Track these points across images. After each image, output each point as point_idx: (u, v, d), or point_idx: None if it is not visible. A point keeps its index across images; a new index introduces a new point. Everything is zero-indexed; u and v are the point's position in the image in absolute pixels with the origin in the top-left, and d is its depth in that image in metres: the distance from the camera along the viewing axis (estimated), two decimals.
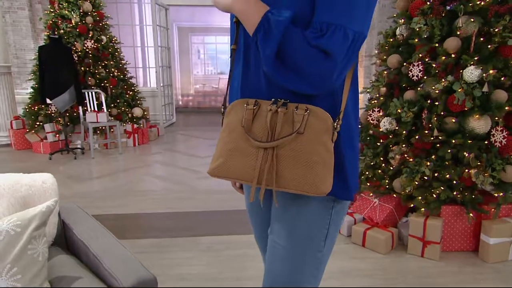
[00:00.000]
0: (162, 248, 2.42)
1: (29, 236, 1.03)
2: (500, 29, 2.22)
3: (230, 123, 0.81)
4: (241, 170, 0.78)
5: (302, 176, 0.74)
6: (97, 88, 5.25)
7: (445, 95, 2.33)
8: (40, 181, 1.32)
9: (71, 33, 5.17)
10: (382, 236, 2.29)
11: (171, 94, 7.98)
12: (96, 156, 4.90)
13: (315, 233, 0.84)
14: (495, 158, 2.20)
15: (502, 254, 2.23)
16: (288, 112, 0.75)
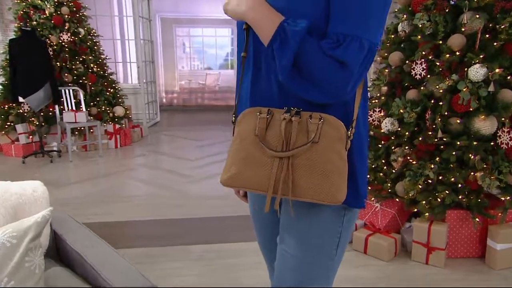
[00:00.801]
0: (151, 258, 2.47)
1: (25, 248, 1.07)
2: (506, 26, 2.31)
3: (242, 132, 0.86)
4: (255, 180, 0.83)
5: (318, 185, 0.80)
6: (74, 85, 5.24)
7: (450, 94, 2.42)
8: (30, 189, 1.35)
9: (45, 25, 5.13)
10: (384, 242, 2.37)
11: (154, 91, 7.99)
12: (74, 159, 4.89)
13: (327, 242, 0.91)
14: (502, 161, 2.30)
15: (509, 261, 2.32)
16: (302, 121, 0.81)
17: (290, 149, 0.81)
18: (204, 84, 13.21)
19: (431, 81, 2.51)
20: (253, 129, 0.84)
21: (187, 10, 11.55)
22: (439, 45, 2.49)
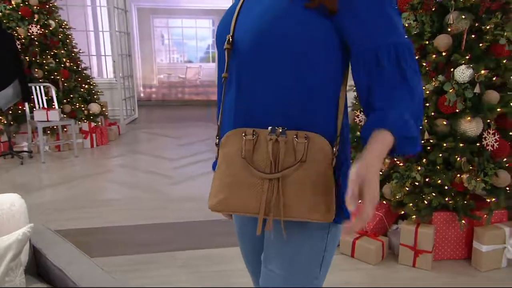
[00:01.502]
0: (133, 267, 2.48)
1: (6, 268, 1.09)
2: (492, 27, 2.40)
3: (228, 155, 0.88)
4: (245, 203, 0.86)
5: (309, 204, 0.84)
6: (46, 81, 5.16)
7: (436, 95, 2.50)
8: (8, 203, 1.36)
9: (12, 16, 5.04)
10: (372, 246, 2.45)
11: (132, 86, 7.93)
12: (47, 160, 4.83)
13: (312, 259, 0.94)
14: (487, 162, 2.40)
15: (495, 262, 2.43)
16: (288, 140, 0.84)
17: (279, 170, 0.84)
18: (184, 78, 13.14)
19: None
20: (239, 151, 0.86)
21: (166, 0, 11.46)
22: (426, 45, 2.56)
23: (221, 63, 0.98)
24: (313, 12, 0.82)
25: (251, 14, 0.89)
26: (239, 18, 0.91)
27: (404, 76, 0.82)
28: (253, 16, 0.88)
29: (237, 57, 0.89)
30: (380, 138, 0.78)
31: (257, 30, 0.85)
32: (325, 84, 0.88)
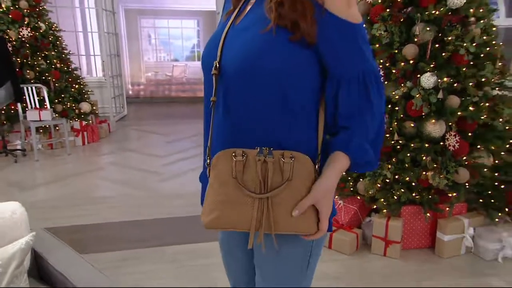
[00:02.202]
0: (125, 262, 2.48)
1: (11, 276, 1.09)
2: (453, 38, 2.46)
3: (219, 175, 0.89)
4: (238, 220, 0.87)
5: (296, 218, 0.86)
6: (37, 82, 5.05)
7: (404, 100, 2.55)
8: (9, 211, 1.35)
9: (2, 20, 4.89)
10: (347, 238, 2.52)
11: (121, 84, 7.80)
12: (40, 158, 4.74)
13: (299, 264, 0.98)
14: (449, 161, 2.47)
15: (455, 250, 2.54)
16: (275, 160, 0.85)
17: (268, 190, 0.85)
18: (171, 76, 13.01)
19: (388, 87, 2.61)
20: (230, 172, 0.87)
21: (152, 0, 11.27)
22: (395, 53, 2.60)
23: (207, 85, 0.98)
24: (296, 43, 0.84)
25: (237, 43, 0.89)
26: (225, 45, 0.90)
27: (369, 99, 0.87)
28: (239, 44, 0.88)
29: (224, 81, 0.89)
30: (341, 160, 0.88)
31: (244, 58, 0.86)
32: (306, 106, 0.91)
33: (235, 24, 0.92)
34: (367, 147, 0.88)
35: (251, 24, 0.89)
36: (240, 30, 0.91)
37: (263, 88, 0.87)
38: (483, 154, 2.56)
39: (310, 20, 0.82)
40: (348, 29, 0.84)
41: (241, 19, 0.92)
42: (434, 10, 2.48)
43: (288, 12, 0.82)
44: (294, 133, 0.90)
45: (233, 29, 0.92)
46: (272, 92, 0.87)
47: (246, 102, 0.89)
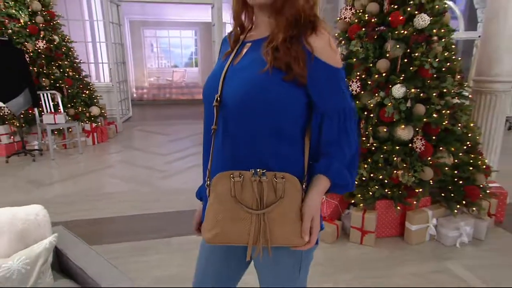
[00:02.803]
0: (135, 252, 2.47)
1: (38, 272, 1.12)
2: (419, 55, 2.51)
3: (219, 194, 0.89)
4: (237, 235, 0.89)
5: (289, 232, 0.89)
6: (52, 88, 5.00)
7: (378, 108, 2.58)
8: (34, 214, 1.37)
9: (20, 33, 4.81)
10: (329, 229, 2.56)
11: (126, 89, 7.74)
12: (56, 157, 4.70)
13: (292, 269, 1.00)
14: (416, 161, 2.52)
15: (421, 237, 2.59)
16: (269, 180, 0.88)
17: (264, 207, 0.87)
18: (171, 81, 12.94)
19: (364, 97, 2.66)
20: (229, 191, 0.88)
21: (154, 13, 11.16)
22: (370, 67, 2.64)
23: (208, 114, 0.98)
24: (288, 82, 0.87)
25: (237, 80, 0.91)
26: (225, 82, 0.92)
27: (346, 131, 0.92)
28: (239, 81, 0.90)
29: (224, 112, 0.91)
30: (323, 182, 0.93)
31: (243, 93, 0.88)
32: (295, 134, 0.93)
33: (234, 64, 0.94)
34: (345, 172, 0.92)
35: (249, 64, 0.91)
36: (239, 69, 0.93)
37: (258, 118, 0.89)
38: (444, 155, 2.61)
39: (302, 64, 0.85)
40: (332, 73, 0.89)
41: (239, 60, 0.95)
42: (403, 30, 2.53)
43: (283, 56, 0.85)
44: (284, 157, 0.92)
45: (232, 68, 0.94)
46: (266, 122, 0.89)
47: (243, 130, 0.91)
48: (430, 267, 2.33)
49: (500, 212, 2.88)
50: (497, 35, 2.94)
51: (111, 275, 1.30)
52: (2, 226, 1.27)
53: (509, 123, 6.30)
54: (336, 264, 2.36)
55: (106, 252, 2.43)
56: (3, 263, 1.08)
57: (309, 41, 0.87)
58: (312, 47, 0.87)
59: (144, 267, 2.31)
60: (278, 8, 0.88)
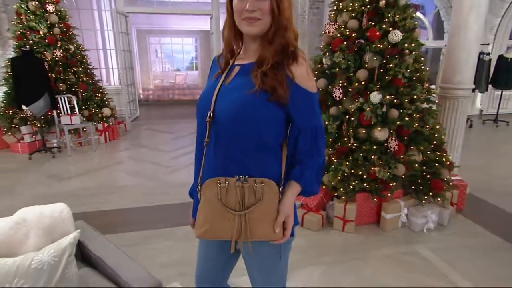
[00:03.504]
0: (145, 240, 2.48)
1: (65, 263, 1.14)
2: (393, 66, 2.54)
3: (208, 198, 0.93)
4: (223, 231, 0.94)
5: (267, 228, 0.93)
6: (68, 93, 4.95)
7: (358, 112, 2.62)
8: (58, 211, 1.38)
9: (40, 44, 4.75)
10: (314, 218, 2.60)
11: (134, 91, 7.67)
12: (72, 154, 4.65)
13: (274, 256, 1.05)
14: (391, 159, 2.56)
15: (394, 224, 2.65)
16: (250, 185, 0.91)
17: (245, 208, 0.91)
18: (174, 83, 12.84)
19: (346, 102, 2.68)
20: (216, 195, 0.91)
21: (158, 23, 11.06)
22: (351, 76, 2.67)
23: (200, 129, 1.00)
24: (272, 103, 0.91)
25: (228, 99, 0.93)
26: (218, 100, 0.94)
27: (317, 144, 0.97)
28: (230, 100, 0.92)
29: (215, 126, 0.93)
30: (296, 187, 0.98)
31: (233, 111, 0.91)
32: (276, 145, 0.97)
33: (225, 84, 0.96)
34: (314, 180, 0.98)
35: (239, 86, 0.94)
36: (230, 89, 0.95)
37: (245, 132, 0.92)
38: (415, 153, 2.65)
39: (285, 87, 0.89)
40: (309, 97, 0.93)
41: (230, 81, 0.96)
42: (379, 44, 2.56)
43: (270, 80, 0.89)
44: (265, 165, 0.95)
45: (224, 88, 0.96)
46: (252, 135, 0.93)
47: (232, 142, 0.93)
48: (401, 250, 2.39)
49: (461, 201, 2.96)
50: (459, 48, 2.98)
51: (126, 264, 1.32)
52: (31, 223, 1.28)
53: (470, 121, 6.41)
54: (321, 248, 2.40)
55: (119, 239, 2.43)
56: (35, 256, 1.10)
57: (291, 69, 0.90)
58: (293, 74, 0.90)
59: (153, 253, 2.32)
60: (269, 39, 0.91)
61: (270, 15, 0.89)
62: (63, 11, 5.04)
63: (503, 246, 2.44)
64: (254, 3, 0.88)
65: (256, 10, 0.88)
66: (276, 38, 0.90)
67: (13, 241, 1.22)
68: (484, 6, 2.90)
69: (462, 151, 3.30)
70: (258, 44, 0.95)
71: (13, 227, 1.23)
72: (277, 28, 0.90)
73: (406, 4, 2.63)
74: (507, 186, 3.53)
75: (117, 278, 1.27)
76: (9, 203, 3.14)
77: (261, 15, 0.89)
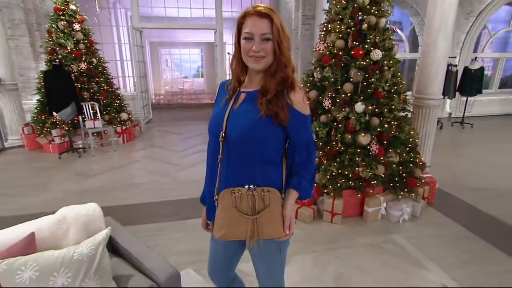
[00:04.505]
0: (161, 231, 2.49)
1: (100, 255, 1.19)
2: (375, 80, 2.59)
3: (224, 206, 0.98)
4: (238, 233, 0.99)
5: (274, 229, 0.99)
6: (91, 100, 4.97)
7: (345, 120, 2.66)
8: (92, 210, 1.43)
9: (68, 58, 4.76)
10: (307, 212, 2.64)
11: (147, 97, 7.68)
12: (95, 154, 4.66)
13: (276, 250, 1.11)
14: (372, 161, 2.62)
15: (375, 217, 2.70)
16: (259, 194, 0.96)
17: (256, 213, 0.96)
18: (182, 88, 12.81)
19: (334, 111, 2.73)
20: (231, 203, 0.97)
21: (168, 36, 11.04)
22: (338, 88, 2.71)
23: (213, 146, 1.04)
24: (275, 125, 0.96)
25: (238, 122, 0.98)
26: (228, 122, 0.98)
27: (310, 157, 1.02)
28: (240, 124, 0.97)
29: (227, 144, 0.97)
30: (295, 194, 1.04)
31: (243, 133, 0.96)
32: (277, 159, 1.02)
33: (234, 108, 1.01)
34: (308, 187, 1.03)
35: (247, 111, 0.99)
36: (239, 113, 0.99)
37: (252, 149, 0.97)
38: (392, 155, 2.71)
39: (286, 113, 0.95)
40: (304, 118, 0.99)
41: (238, 106, 1.01)
42: (362, 61, 2.61)
43: (273, 107, 0.95)
44: (269, 175, 1.01)
45: (233, 112, 1.00)
46: (258, 152, 0.98)
47: (241, 158, 0.98)
48: (381, 238, 2.44)
49: (431, 196, 3.01)
50: (430, 64, 3.03)
51: (149, 254, 1.37)
52: (70, 220, 1.34)
53: (440, 123, 6.52)
54: (312, 238, 2.45)
55: (139, 231, 2.46)
56: (76, 249, 1.16)
57: (290, 96, 0.96)
58: (292, 100, 0.96)
59: (167, 243, 2.34)
60: (271, 73, 0.96)
61: (273, 54, 0.95)
62: (87, 29, 5.05)
63: (466, 235, 2.51)
64: (259, 45, 0.93)
65: (261, 50, 0.94)
66: (277, 73, 0.96)
67: (57, 236, 1.27)
68: (450, 27, 2.95)
69: (433, 150, 3.35)
70: (261, 75, 1.00)
71: (56, 224, 1.29)
72: (278, 65, 0.95)
73: (385, 27, 2.68)
74: (469, 181, 3.58)
75: (142, 267, 1.33)
76: (44, 198, 3.17)
77: (265, 53, 0.94)
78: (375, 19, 2.61)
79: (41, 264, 1.08)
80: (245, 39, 0.95)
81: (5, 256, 1.10)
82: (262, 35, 0.93)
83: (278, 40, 0.93)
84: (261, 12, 0.92)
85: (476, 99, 7.29)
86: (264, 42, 0.93)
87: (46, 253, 1.12)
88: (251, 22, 0.93)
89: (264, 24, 0.92)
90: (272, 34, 0.93)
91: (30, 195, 3.22)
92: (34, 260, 1.08)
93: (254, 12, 0.93)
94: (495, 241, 2.38)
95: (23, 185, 3.48)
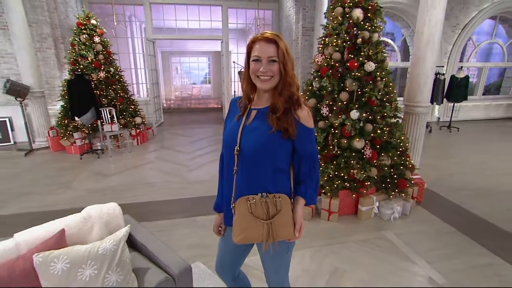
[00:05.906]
0: (173, 227, 2.51)
1: (121, 250, 1.23)
2: (368, 89, 2.62)
3: (241, 212, 1.01)
4: (255, 236, 1.02)
5: (286, 231, 1.02)
6: (109, 106, 5.03)
7: (341, 126, 2.69)
8: (112, 209, 1.46)
9: (88, 67, 4.84)
10: (306, 210, 2.64)
11: (159, 102, 7.73)
12: (112, 155, 4.69)
13: (285, 250, 1.13)
14: (366, 164, 2.63)
15: (368, 215, 2.71)
16: (271, 200, 1.00)
17: (270, 218, 0.99)
18: (191, 94, 12.89)
19: (331, 118, 2.75)
20: (247, 210, 1.00)
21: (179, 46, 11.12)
22: (335, 97, 2.74)
23: (228, 158, 1.07)
24: (285, 139, 0.99)
25: (251, 137, 1.01)
26: (242, 137, 1.02)
27: (315, 167, 1.05)
28: (254, 139, 1.00)
29: (242, 158, 1.01)
30: (302, 201, 1.08)
31: (256, 146, 0.99)
32: (286, 168, 1.05)
33: (247, 124, 1.04)
34: (314, 195, 1.06)
35: (259, 127, 1.02)
36: (252, 129, 1.03)
37: (264, 161, 1.01)
38: (385, 159, 2.72)
39: (294, 128, 0.98)
40: (309, 132, 1.02)
41: (250, 122, 1.04)
42: (357, 72, 2.63)
43: (282, 123, 0.98)
44: (279, 183, 1.04)
45: (246, 127, 1.04)
46: (269, 163, 1.01)
47: (254, 169, 1.02)
48: (373, 235, 2.46)
49: (420, 195, 3.01)
50: (419, 75, 3.05)
51: (164, 250, 1.40)
52: (94, 218, 1.38)
53: (430, 127, 6.52)
54: (311, 234, 2.46)
55: (153, 226, 2.48)
56: (101, 245, 1.20)
57: (297, 113, 1.00)
58: (299, 116, 0.99)
59: (179, 237, 2.36)
60: (278, 92, 1.00)
61: (279, 74, 0.98)
62: (106, 41, 5.12)
63: (450, 231, 2.51)
64: (266, 66, 0.97)
65: (268, 71, 0.97)
66: (284, 91, 0.99)
67: (83, 232, 1.31)
68: (437, 43, 2.98)
69: (422, 152, 3.36)
70: (269, 94, 1.04)
71: (82, 221, 1.33)
72: (284, 84, 0.99)
73: (378, 41, 2.71)
74: (455, 182, 3.57)
75: (157, 261, 1.36)
76: (68, 195, 3.20)
77: (272, 73, 0.98)
78: (369, 34, 2.63)
79: (71, 257, 1.12)
80: (254, 61, 0.99)
81: (40, 249, 1.15)
82: (269, 57, 0.97)
83: (283, 62, 0.97)
84: (268, 38, 0.96)
85: (462, 104, 7.35)
86: (271, 63, 0.97)
87: (75, 248, 1.17)
88: (259, 46, 0.97)
89: (271, 48, 0.96)
90: (278, 56, 0.96)
91: (57, 193, 3.27)
92: (65, 254, 1.12)
93: (262, 38, 0.97)
94: (477, 237, 2.39)
95: (50, 184, 3.53)
